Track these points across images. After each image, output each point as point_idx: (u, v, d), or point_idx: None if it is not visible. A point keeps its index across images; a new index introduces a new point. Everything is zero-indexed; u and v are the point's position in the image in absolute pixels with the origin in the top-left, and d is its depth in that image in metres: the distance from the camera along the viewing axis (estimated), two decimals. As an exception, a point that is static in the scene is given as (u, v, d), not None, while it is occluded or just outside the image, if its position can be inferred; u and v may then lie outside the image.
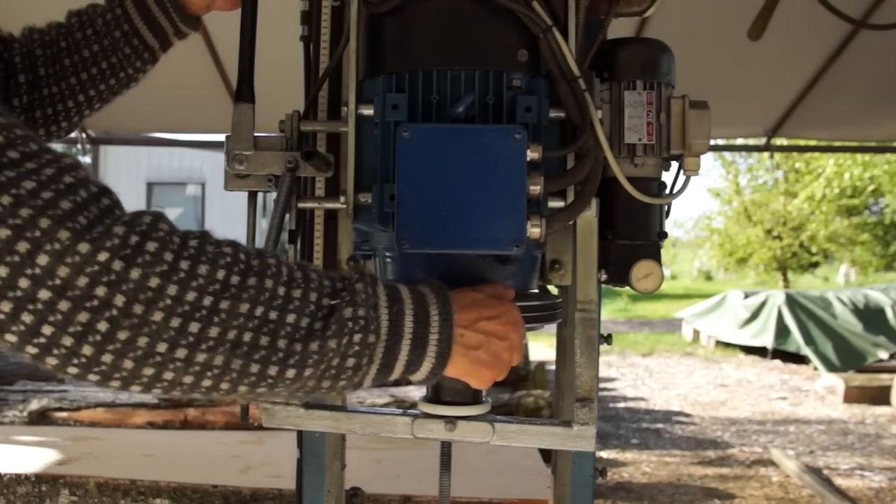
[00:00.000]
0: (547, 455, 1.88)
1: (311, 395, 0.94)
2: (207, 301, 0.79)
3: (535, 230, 1.01)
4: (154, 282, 0.76)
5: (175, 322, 0.77)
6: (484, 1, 1.04)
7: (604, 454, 5.48)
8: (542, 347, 9.19)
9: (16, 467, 2.64)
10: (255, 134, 1.14)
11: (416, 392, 4.29)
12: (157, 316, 0.76)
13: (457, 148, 0.99)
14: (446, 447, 1.23)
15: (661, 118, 1.19)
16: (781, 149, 6.45)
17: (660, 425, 6.51)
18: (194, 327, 0.78)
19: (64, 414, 4.01)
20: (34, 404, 4.02)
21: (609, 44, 1.22)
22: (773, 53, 3.87)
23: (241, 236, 1.14)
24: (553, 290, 1.29)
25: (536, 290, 1.20)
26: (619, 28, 1.25)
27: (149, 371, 0.78)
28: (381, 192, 1.04)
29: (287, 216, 1.14)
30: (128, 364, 0.77)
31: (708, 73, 3.83)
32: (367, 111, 1.07)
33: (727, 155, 17.63)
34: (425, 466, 2.67)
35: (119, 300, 0.75)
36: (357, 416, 1.11)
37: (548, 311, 1.15)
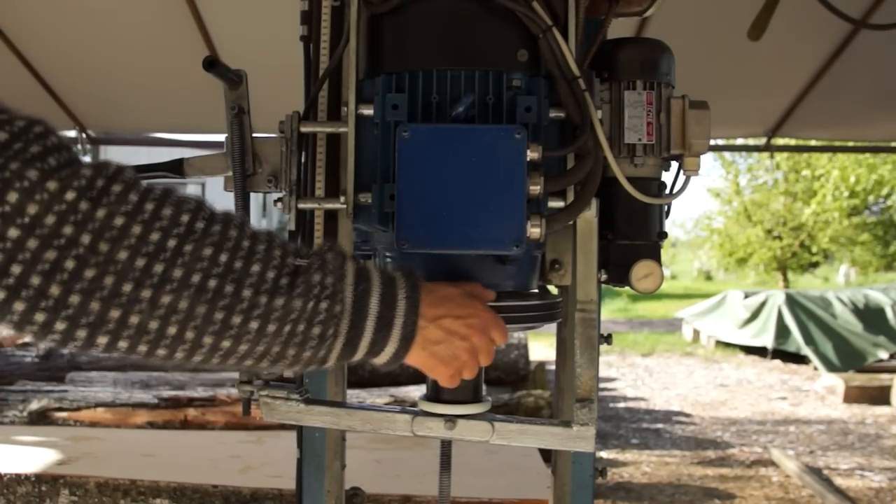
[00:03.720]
0: (547, 455, 1.88)
1: (280, 369, 0.93)
2: (172, 243, 0.80)
3: (534, 230, 1.01)
4: (119, 221, 0.77)
5: (140, 262, 0.78)
6: (484, 1, 1.04)
7: (604, 454, 5.48)
8: (542, 347, 9.19)
9: (16, 467, 2.64)
10: (255, 135, 1.15)
11: (415, 392, 4.29)
12: (123, 255, 0.77)
13: (457, 148, 0.99)
14: (446, 447, 1.23)
15: (660, 118, 1.19)
16: (781, 149, 6.46)
17: (660, 425, 6.51)
18: (159, 267, 0.79)
19: (64, 414, 4.01)
20: (34, 404, 4.02)
21: (609, 44, 1.23)
22: (773, 53, 3.87)
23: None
24: (553, 289, 1.29)
25: (536, 290, 1.20)
26: (619, 28, 1.26)
27: (115, 313, 0.78)
28: (381, 192, 1.04)
29: (286, 215, 1.15)
30: (95, 305, 0.77)
31: (708, 73, 3.83)
32: (367, 111, 1.07)
33: (727, 155, 17.62)
34: (425, 466, 2.67)
35: (86, 238, 0.76)
36: (357, 413, 1.11)
37: (545, 310, 1.15)
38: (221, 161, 1.19)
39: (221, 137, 1.16)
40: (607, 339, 1.28)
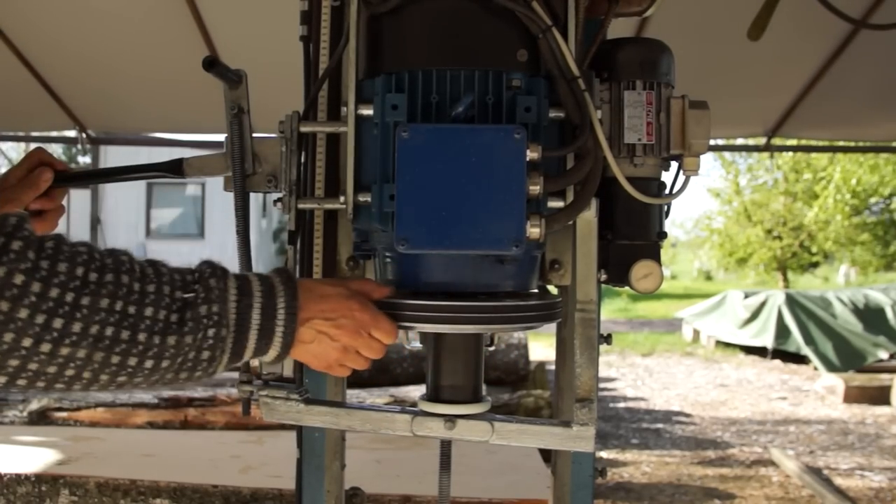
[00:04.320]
0: (547, 455, 1.88)
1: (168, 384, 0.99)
2: (69, 297, 0.83)
3: (534, 230, 1.01)
4: (19, 279, 0.80)
5: (40, 318, 0.81)
6: (483, 1, 1.04)
7: (604, 454, 5.48)
8: (542, 347, 9.19)
9: (16, 467, 2.64)
10: (255, 135, 1.15)
11: (415, 392, 4.28)
12: (23, 313, 0.80)
13: (456, 148, 0.99)
14: (446, 447, 1.23)
15: (660, 118, 1.19)
16: (781, 149, 6.46)
17: (660, 425, 6.51)
18: (58, 323, 0.82)
19: (64, 414, 4.01)
20: (34, 404, 4.02)
21: (609, 44, 1.22)
22: (773, 53, 3.86)
23: (240, 236, 1.15)
24: (553, 289, 1.29)
25: (536, 290, 1.20)
26: (619, 28, 1.25)
27: (14, 362, 0.81)
28: (381, 192, 1.04)
29: (284, 214, 1.15)
30: None
31: (708, 73, 3.83)
32: (367, 111, 1.07)
33: (727, 155, 17.63)
34: (425, 466, 2.67)
35: None
36: (356, 413, 1.11)
37: (541, 310, 1.15)
38: (221, 161, 1.18)
39: (221, 137, 1.16)
40: (607, 339, 1.28)
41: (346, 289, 1.04)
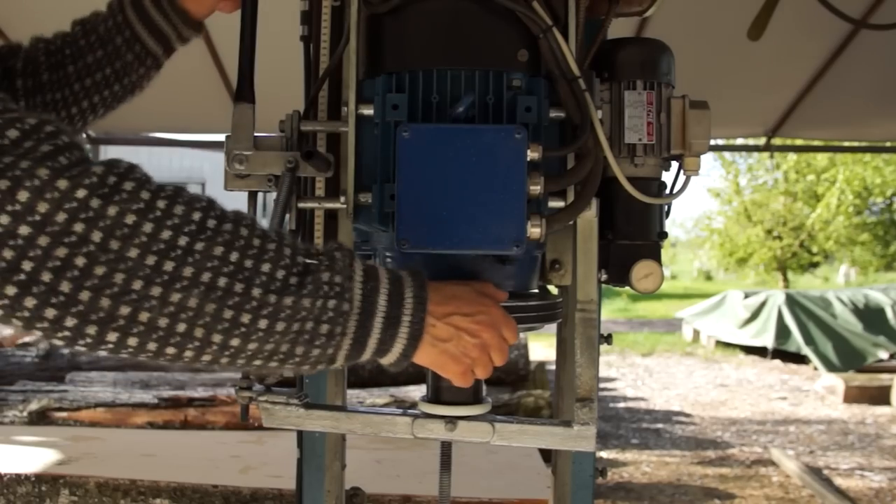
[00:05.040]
0: (547, 455, 1.88)
1: (289, 369, 0.91)
2: (183, 240, 0.80)
3: (535, 230, 1.01)
4: (130, 218, 0.77)
5: (151, 259, 0.78)
6: (484, 1, 1.04)
7: (604, 454, 5.48)
8: (542, 347, 9.19)
9: (16, 467, 2.63)
10: (256, 134, 1.14)
11: (416, 392, 4.29)
12: (133, 252, 0.77)
13: (457, 148, 0.99)
14: (446, 447, 1.23)
15: (661, 118, 1.19)
16: (781, 149, 6.46)
17: (660, 425, 6.51)
18: (169, 265, 0.79)
19: (64, 414, 4.01)
20: (34, 404, 4.02)
21: (609, 44, 1.23)
22: (773, 53, 3.87)
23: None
24: (553, 290, 1.29)
25: (536, 290, 1.20)
26: (619, 28, 1.25)
27: (125, 310, 0.78)
28: (381, 192, 1.04)
29: (287, 216, 1.14)
30: (105, 302, 0.77)
31: (708, 73, 3.83)
32: (368, 111, 1.07)
33: (727, 155, 17.63)
34: (425, 466, 2.67)
35: (97, 236, 0.76)
36: (357, 416, 1.11)
37: (546, 311, 1.15)
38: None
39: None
40: (607, 339, 1.28)
41: (473, 288, 1.00)
